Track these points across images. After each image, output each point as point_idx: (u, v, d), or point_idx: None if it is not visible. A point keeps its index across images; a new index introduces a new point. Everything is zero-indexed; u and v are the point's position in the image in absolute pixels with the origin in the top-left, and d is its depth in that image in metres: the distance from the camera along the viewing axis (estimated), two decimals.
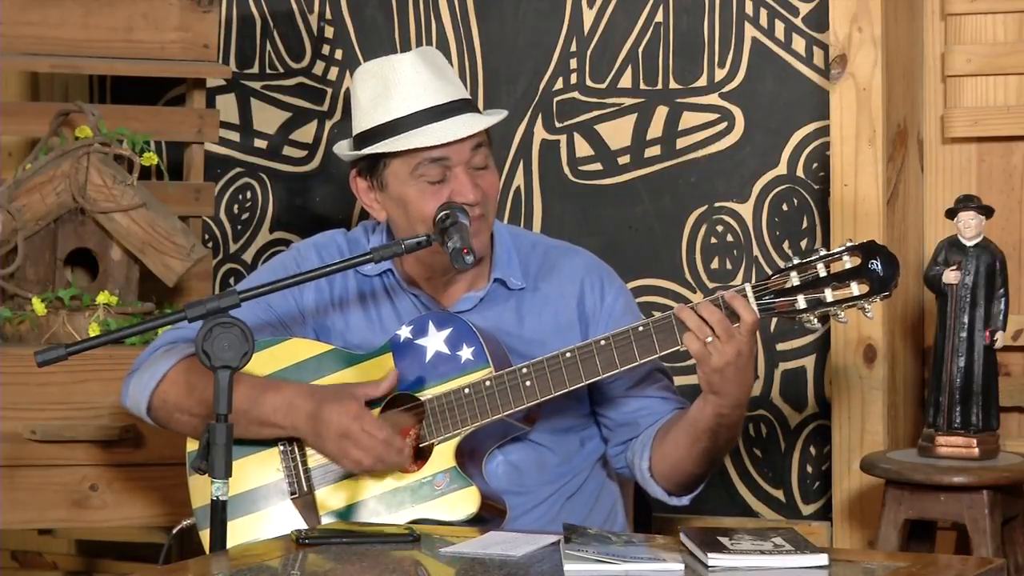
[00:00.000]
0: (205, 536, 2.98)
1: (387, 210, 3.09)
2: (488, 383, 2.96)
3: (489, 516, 2.96)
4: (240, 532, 2.98)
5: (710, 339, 2.83)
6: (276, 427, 3.01)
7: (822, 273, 2.82)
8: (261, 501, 3.04)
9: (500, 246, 3.14)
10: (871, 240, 2.85)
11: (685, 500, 3.08)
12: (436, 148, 3.00)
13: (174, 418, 3.09)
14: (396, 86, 3.03)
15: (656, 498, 3.10)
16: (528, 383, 2.95)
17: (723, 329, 2.83)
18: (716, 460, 3.02)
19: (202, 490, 2.99)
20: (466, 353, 2.99)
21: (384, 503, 2.98)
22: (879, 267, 2.81)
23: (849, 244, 2.83)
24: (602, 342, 2.92)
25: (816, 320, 2.86)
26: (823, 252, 2.83)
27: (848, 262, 2.82)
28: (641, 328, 2.91)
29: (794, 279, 2.84)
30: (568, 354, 2.94)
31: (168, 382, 3.08)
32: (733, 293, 2.85)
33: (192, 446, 3.10)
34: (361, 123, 3.07)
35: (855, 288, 2.82)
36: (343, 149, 3.14)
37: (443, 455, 2.98)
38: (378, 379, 3.00)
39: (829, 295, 2.82)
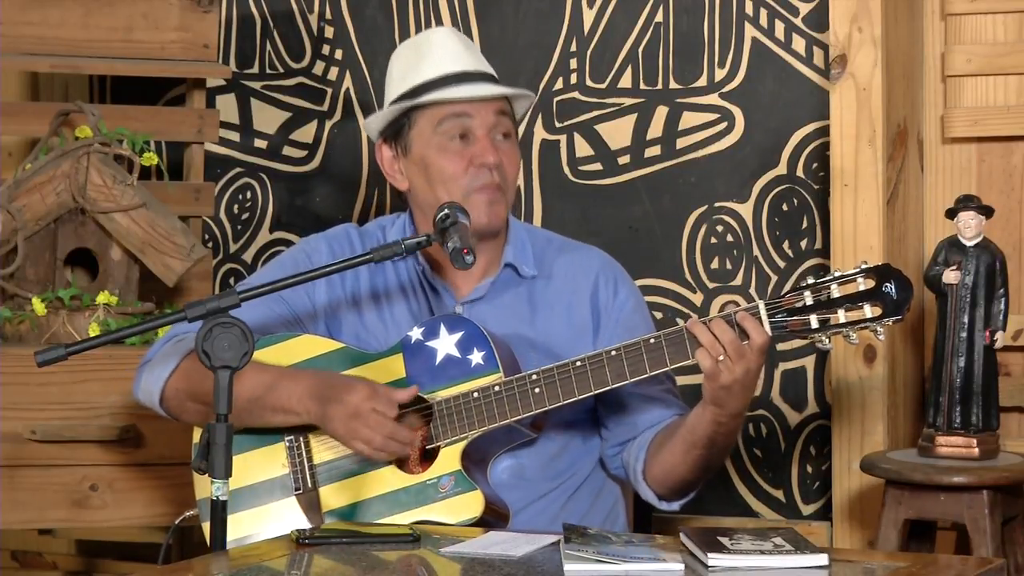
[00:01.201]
0: (207, 528, 2.97)
1: (410, 178, 3.12)
2: (497, 388, 2.96)
3: (492, 520, 2.95)
4: (243, 526, 2.99)
5: (721, 357, 2.83)
6: (290, 413, 3.01)
7: (836, 294, 2.82)
8: (265, 496, 3.04)
9: (514, 234, 3.17)
10: (886, 263, 2.85)
11: (675, 506, 3.09)
12: (459, 103, 3.05)
13: (187, 407, 3.10)
14: (427, 54, 3.11)
15: (646, 500, 3.10)
16: (537, 390, 2.95)
17: (734, 349, 2.83)
18: (710, 468, 3.03)
19: (206, 482, 2.98)
20: (476, 357, 2.99)
21: (388, 503, 2.98)
22: (893, 290, 2.81)
23: (864, 266, 2.83)
24: (613, 352, 2.93)
25: (828, 341, 2.85)
26: (837, 273, 2.84)
27: (862, 284, 2.82)
28: (652, 340, 2.91)
29: (807, 299, 2.83)
30: (578, 363, 2.94)
31: (181, 372, 3.09)
32: (745, 313, 2.85)
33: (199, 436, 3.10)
34: (392, 92, 3.14)
35: (868, 310, 2.81)
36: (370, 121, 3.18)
37: (449, 458, 2.98)
38: (400, 389, 2.98)
39: (842, 316, 2.82)
